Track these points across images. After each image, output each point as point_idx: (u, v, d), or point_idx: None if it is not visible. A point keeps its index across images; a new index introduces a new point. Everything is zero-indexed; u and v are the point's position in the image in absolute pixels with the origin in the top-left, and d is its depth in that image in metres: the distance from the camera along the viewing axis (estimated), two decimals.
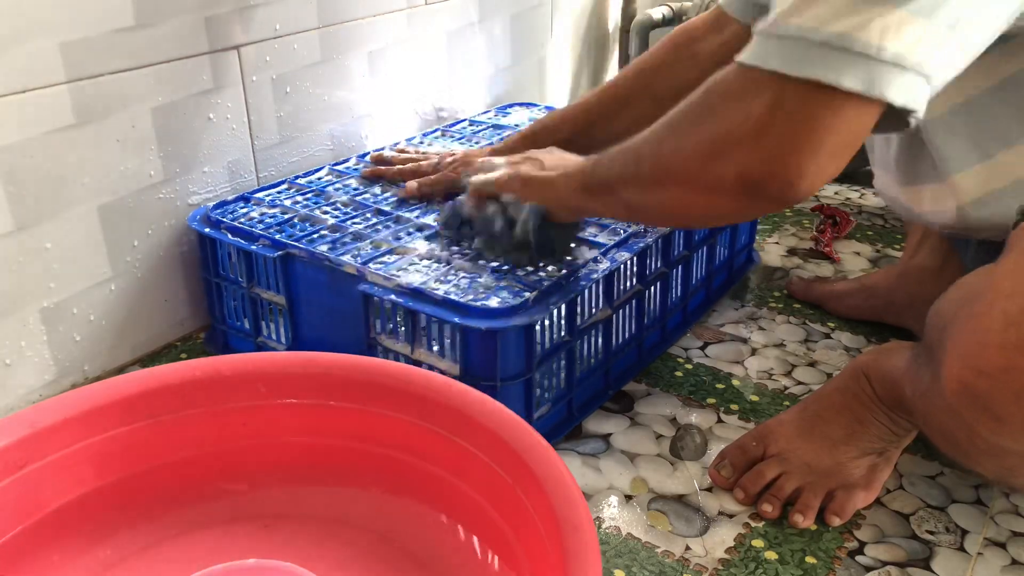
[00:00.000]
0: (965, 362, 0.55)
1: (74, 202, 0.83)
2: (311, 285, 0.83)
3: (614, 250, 0.83)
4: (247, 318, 0.89)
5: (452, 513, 0.64)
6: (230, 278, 0.88)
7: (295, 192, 0.95)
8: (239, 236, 0.86)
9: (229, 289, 0.89)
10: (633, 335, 0.88)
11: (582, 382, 0.83)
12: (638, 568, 0.67)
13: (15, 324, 0.81)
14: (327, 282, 0.81)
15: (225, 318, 0.91)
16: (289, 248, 0.82)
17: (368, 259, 0.80)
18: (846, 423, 0.73)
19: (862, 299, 1.00)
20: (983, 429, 0.56)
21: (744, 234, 1.09)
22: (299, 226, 0.87)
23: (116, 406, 0.63)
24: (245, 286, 0.87)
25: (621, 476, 0.77)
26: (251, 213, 0.90)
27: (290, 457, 0.67)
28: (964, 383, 0.55)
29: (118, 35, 0.82)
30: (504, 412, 0.61)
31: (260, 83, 0.97)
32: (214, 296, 0.91)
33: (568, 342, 0.78)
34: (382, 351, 0.79)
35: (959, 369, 0.55)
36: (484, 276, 0.77)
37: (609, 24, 1.58)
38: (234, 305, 0.90)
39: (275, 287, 0.85)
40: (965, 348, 0.55)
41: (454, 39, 1.23)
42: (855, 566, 0.68)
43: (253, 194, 0.94)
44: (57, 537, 0.61)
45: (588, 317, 0.80)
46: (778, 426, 0.76)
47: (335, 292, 0.81)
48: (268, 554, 0.61)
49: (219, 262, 0.89)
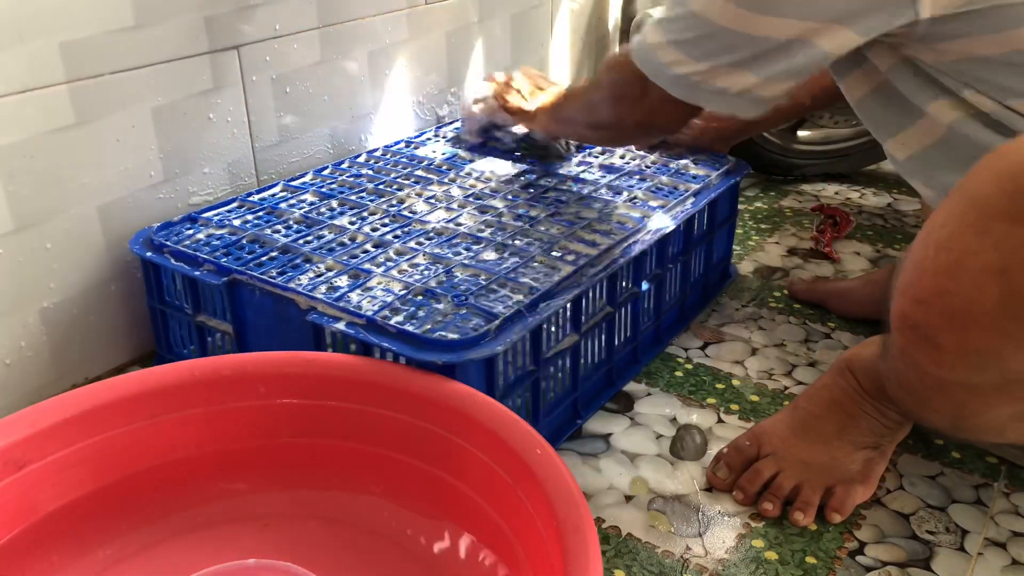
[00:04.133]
0: (904, 294, 0.57)
1: (74, 202, 0.83)
2: (259, 312, 0.78)
3: (585, 269, 0.78)
4: (194, 347, 0.84)
5: (452, 513, 0.64)
6: (175, 304, 0.84)
7: (245, 211, 0.90)
8: (183, 261, 0.80)
9: (174, 316, 0.85)
10: (603, 359, 0.85)
11: (550, 412, 0.79)
12: (638, 568, 0.67)
13: (15, 324, 0.81)
14: (275, 309, 0.76)
15: (172, 346, 0.87)
16: (235, 273, 0.77)
17: (319, 283, 0.75)
18: (837, 419, 0.74)
19: (864, 297, 1.00)
20: (925, 361, 0.58)
21: (720, 248, 1.05)
22: (248, 248, 0.82)
23: (116, 406, 0.63)
24: (190, 313, 0.82)
25: (621, 476, 0.77)
26: (197, 235, 0.84)
27: (290, 457, 0.67)
28: (904, 315, 0.57)
29: (118, 35, 0.82)
30: (504, 412, 0.61)
31: (260, 83, 0.97)
32: (159, 323, 0.86)
33: (533, 372, 0.74)
34: None
35: (900, 303, 0.58)
36: (444, 303, 0.72)
37: (609, 24, 1.58)
38: (180, 333, 0.86)
39: (221, 315, 0.80)
40: (904, 281, 0.58)
41: (454, 39, 1.23)
42: (855, 566, 0.68)
43: (200, 214, 0.88)
44: (57, 537, 0.61)
45: (554, 344, 0.76)
46: (771, 426, 0.77)
47: (283, 320, 0.76)
48: (268, 554, 0.61)
49: (163, 288, 0.84)
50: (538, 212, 0.89)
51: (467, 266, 0.78)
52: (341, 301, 0.72)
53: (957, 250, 0.54)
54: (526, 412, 0.76)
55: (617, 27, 1.60)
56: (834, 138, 1.39)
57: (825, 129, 1.39)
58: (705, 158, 1.04)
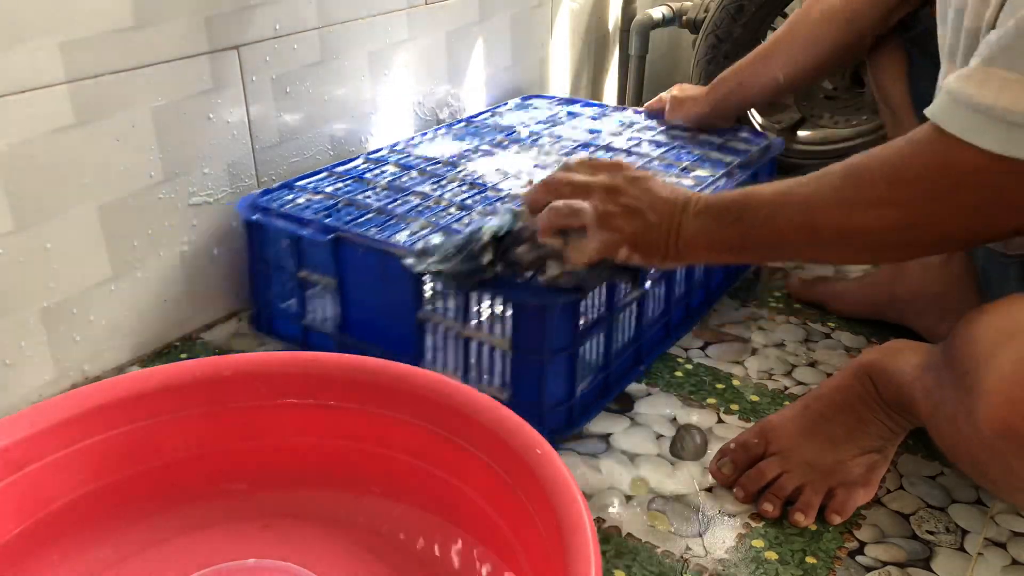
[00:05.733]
0: (1010, 402, 0.53)
1: (74, 202, 0.83)
2: (360, 267, 0.85)
3: None
4: (294, 299, 0.91)
5: (452, 513, 0.64)
6: (277, 262, 0.91)
7: (335, 179, 0.98)
8: (289, 221, 0.88)
9: (277, 273, 0.92)
10: (660, 314, 0.93)
11: (619, 355, 0.87)
12: (638, 568, 0.67)
13: (15, 324, 0.81)
14: (377, 264, 0.83)
15: (272, 301, 0.94)
16: (340, 232, 0.84)
17: (415, 240, 0.82)
18: (848, 422, 0.73)
19: (863, 297, 1.00)
20: (1019, 465, 0.54)
21: None
22: (345, 211, 0.89)
23: (116, 406, 0.63)
24: (294, 270, 0.89)
25: (621, 476, 0.77)
26: (297, 199, 0.92)
27: (290, 457, 0.67)
28: (1007, 424, 0.53)
29: (118, 35, 0.82)
30: (504, 412, 0.61)
31: (260, 83, 0.97)
32: (260, 280, 0.94)
33: (607, 318, 0.82)
34: (432, 328, 0.82)
35: (1001, 408, 0.53)
36: None
37: (609, 24, 1.58)
38: (281, 288, 0.93)
39: (324, 270, 0.87)
40: (1010, 387, 0.53)
41: (454, 39, 1.23)
42: (855, 566, 0.68)
43: (295, 182, 0.96)
44: (57, 537, 0.61)
45: (624, 295, 0.84)
46: (780, 423, 0.76)
47: (385, 273, 0.83)
48: (268, 554, 0.61)
49: (266, 246, 0.91)
50: None
51: None
52: None
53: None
54: (598, 355, 0.84)
55: (617, 27, 1.60)
56: (834, 138, 1.39)
57: (825, 129, 1.39)
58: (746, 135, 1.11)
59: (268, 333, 0.96)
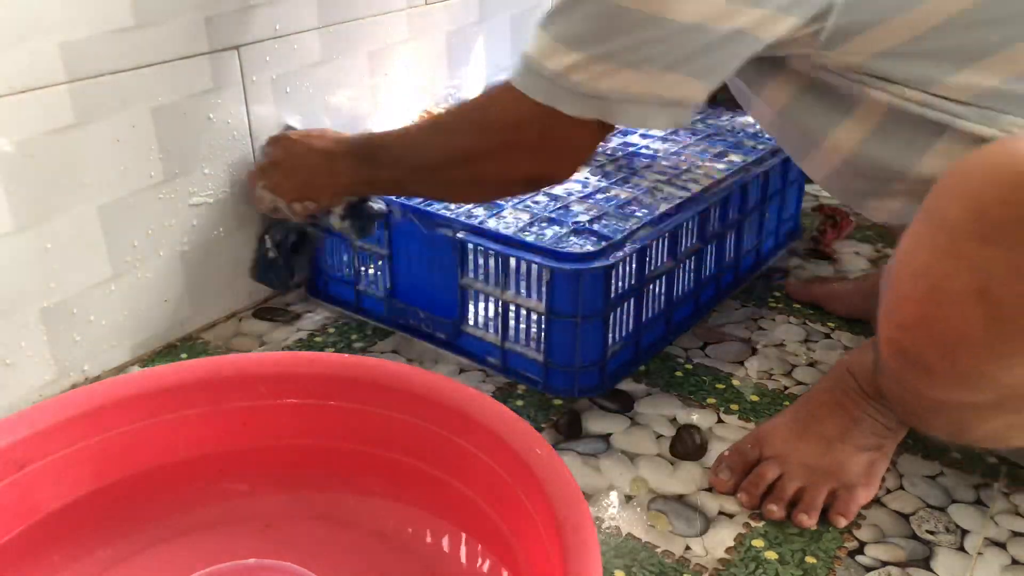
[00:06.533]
0: (889, 320, 0.58)
1: (74, 202, 0.83)
2: (409, 237, 0.92)
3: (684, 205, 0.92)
4: (349, 269, 1.00)
5: (452, 514, 0.64)
6: (338, 235, 0.98)
7: None
8: None
9: (337, 246, 1.00)
10: (691, 289, 0.98)
11: (648, 326, 0.91)
12: (638, 568, 0.67)
13: (15, 324, 0.81)
14: (424, 233, 0.90)
15: (331, 271, 1.02)
16: (392, 206, 0.92)
17: (460, 213, 0.90)
18: (839, 421, 0.74)
19: (861, 298, 1.00)
20: (919, 384, 0.58)
21: (792, 204, 1.19)
22: None
23: (116, 406, 0.63)
24: (354, 243, 0.97)
25: (621, 476, 0.77)
26: None
27: (290, 458, 0.67)
28: (892, 341, 0.58)
29: (118, 35, 0.82)
30: (504, 412, 0.61)
31: (260, 83, 0.97)
32: (322, 252, 1.02)
33: (638, 287, 0.87)
34: (474, 294, 0.89)
35: (886, 329, 0.58)
36: (563, 228, 0.88)
37: None
38: (339, 258, 1.01)
39: (378, 240, 0.94)
40: (887, 308, 0.58)
41: (454, 39, 1.23)
42: (855, 566, 0.68)
43: None
44: (57, 538, 0.61)
45: (655, 267, 0.89)
46: (773, 428, 0.76)
47: (431, 242, 0.90)
48: (268, 554, 0.61)
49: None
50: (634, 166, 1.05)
51: (582, 199, 0.95)
52: (482, 225, 0.87)
53: (933, 275, 0.54)
54: (627, 324, 0.88)
55: None
56: None
57: None
58: None
59: (324, 299, 1.04)
